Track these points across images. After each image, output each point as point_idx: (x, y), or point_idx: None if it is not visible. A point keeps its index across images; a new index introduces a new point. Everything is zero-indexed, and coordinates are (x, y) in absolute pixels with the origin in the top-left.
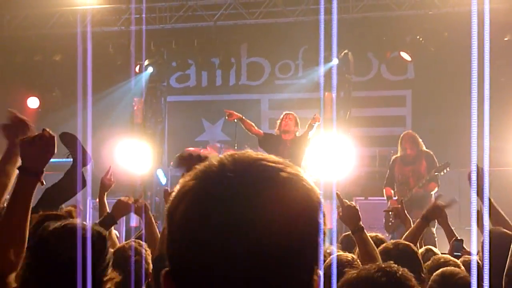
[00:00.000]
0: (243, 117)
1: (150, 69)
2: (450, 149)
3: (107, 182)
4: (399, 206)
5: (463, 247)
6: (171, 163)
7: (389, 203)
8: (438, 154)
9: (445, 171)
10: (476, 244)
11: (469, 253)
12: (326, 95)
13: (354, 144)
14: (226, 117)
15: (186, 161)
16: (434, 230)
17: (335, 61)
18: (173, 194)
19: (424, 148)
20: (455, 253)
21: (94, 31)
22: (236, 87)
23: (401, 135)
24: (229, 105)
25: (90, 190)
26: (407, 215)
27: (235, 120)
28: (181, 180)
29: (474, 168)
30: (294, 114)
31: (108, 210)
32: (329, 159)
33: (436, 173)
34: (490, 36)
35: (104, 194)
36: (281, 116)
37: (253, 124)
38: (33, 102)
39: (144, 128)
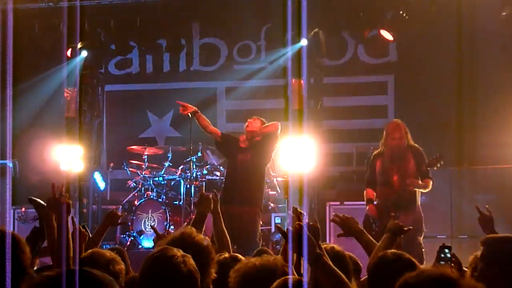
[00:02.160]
0: (199, 112)
1: (85, 53)
2: (438, 143)
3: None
4: (345, 217)
5: (453, 255)
6: (111, 164)
7: (367, 207)
8: (425, 150)
9: (438, 165)
10: None
11: (459, 263)
12: (294, 82)
13: (327, 139)
14: (180, 111)
15: None
16: (421, 239)
17: (304, 42)
18: None
19: (412, 142)
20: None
21: (16, 8)
22: (187, 74)
23: (387, 125)
24: (179, 95)
25: (10, 198)
26: (359, 227)
27: (189, 114)
28: None
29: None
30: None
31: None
32: (298, 158)
33: (428, 169)
34: (486, 10)
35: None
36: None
37: (209, 122)
38: None
39: (79, 123)
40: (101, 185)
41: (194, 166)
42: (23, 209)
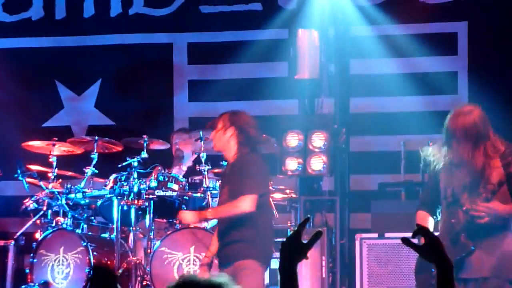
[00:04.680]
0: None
1: None
2: None
3: None
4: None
5: None
6: None
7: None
8: None
9: None
10: None
11: None
12: (301, 34)
13: (357, 130)
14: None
15: None
16: None
17: None
18: None
19: (495, 137)
20: None
21: None
22: (123, 21)
23: (452, 112)
24: (111, 56)
25: None
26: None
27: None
28: None
29: None
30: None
31: None
32: (309, 161)
33: None
34: None
35: None
36: None
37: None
38: None
39: None
40: None
41: (136, 175)
42: None
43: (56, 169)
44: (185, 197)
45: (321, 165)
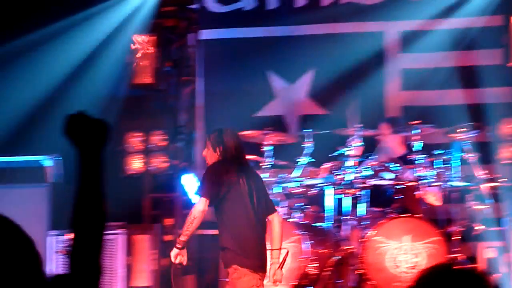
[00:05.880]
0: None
1: None
2: None
3: None
4: None
5: None
6: None
7: None
8: None
9: None
10: None
11: None
12: None
13: None
14: None
15: None
16: None
17: None
18: None
19: None
20: None
21: None
22: (335, 11)
23: None
24: (321, 45)
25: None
26: None
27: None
28: None
29: None
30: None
31: None
32: None
33: None
34: None
35: None
36: None
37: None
38: None
39: (156, 94)
40: (195, 198)
41: (349, 164)
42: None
43: (271, 158)
44: (398, 186)
45: None
